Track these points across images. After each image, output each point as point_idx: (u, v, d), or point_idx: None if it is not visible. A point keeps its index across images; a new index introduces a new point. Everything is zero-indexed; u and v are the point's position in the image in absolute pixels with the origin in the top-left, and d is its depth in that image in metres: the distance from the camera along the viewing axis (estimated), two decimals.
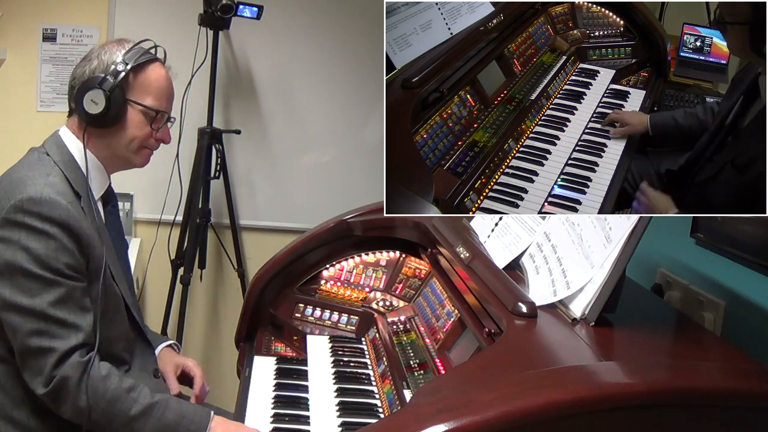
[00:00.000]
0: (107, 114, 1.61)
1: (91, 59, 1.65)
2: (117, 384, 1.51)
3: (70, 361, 1.47)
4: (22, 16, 3.34)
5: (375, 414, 1.69)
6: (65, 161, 1.61)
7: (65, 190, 1.55)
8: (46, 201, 1.49)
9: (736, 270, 1.68)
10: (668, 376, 1.29)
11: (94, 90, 1.60)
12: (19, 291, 1.46)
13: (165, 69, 1.70)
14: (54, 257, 1.47)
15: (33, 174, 1.55)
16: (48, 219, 1.48)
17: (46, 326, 1.47)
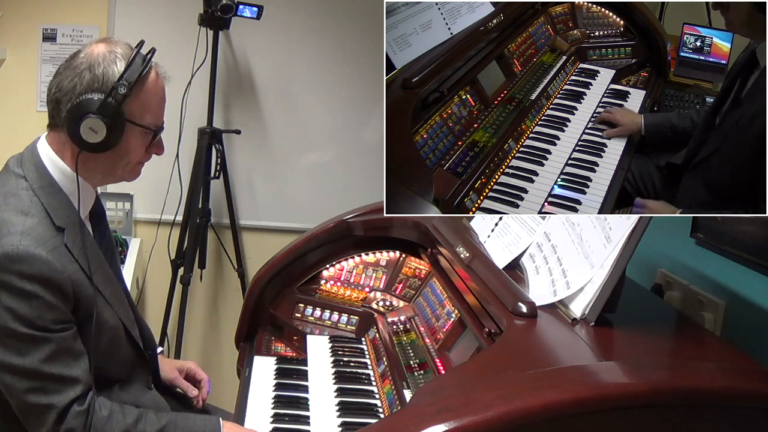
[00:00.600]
0: (107, 140, 1.47)
1: (80, 71, 1.47)
2: (121, 420, 1.47)
3: (71, 412, 1.42)
4: (22, 16, 3.34)
5: (375, 414, 1.69)
6: (44, 187, 1.48)
7: (45, 234, 1.42)
8: (23, 258, 1.37)
9: (736, 270, 1.68)
10: (668, 376, 1.29)
11: (93, 117, 1.45)
12: (8, 351, 1.39)
13: (159, 76, 1.56)
14: (38, 316, 1.38)
15: (9, 216, 1.42)
16: (28, 276, 1.37)
17: (41, 384, 1.40)
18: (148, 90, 1.52)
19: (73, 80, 1.48)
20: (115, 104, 1.46)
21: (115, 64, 1.48)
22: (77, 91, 1.47)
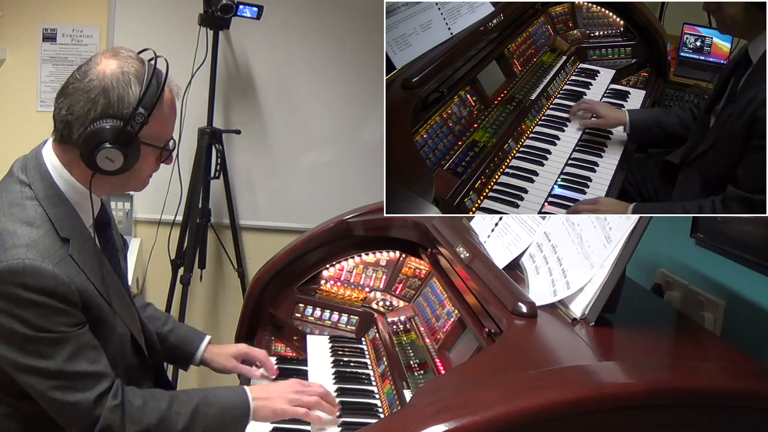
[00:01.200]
0: (123, 168, 1.45)
1: (94, 96, 1.43)
2: (156, 406, 1.48)
3: (106, 407, 1.42)
4: (22, 16, 3.34)
5: (375, 414, 1.68)
6: (50, 197, 1.46)
7: (50, 246, 1.41)
8: (29, 271, 1.36)
9: (736, 270, 1.68)
10: (668, 376, 1.29)
11: (110, 147, 1.41)
12: (30, 354, 1.39)
13: (173, 91, 1.53)
14: (51, 321, 1.38)
15: (14, 227, 1.41)
16: (33, 289, 1.36)
17: (67, 383, 1.41)
18: (163, 110, 1.49)
19: (86, 105, 1.44)
20: (132, 132, 1.44)
21: (131, 87, 1.44)
22: (91, 117, 1.43)
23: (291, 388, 1.63)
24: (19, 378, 1.42)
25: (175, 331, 1.87)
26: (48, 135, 1.58)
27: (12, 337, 1.38)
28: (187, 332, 1.88)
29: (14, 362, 1.40)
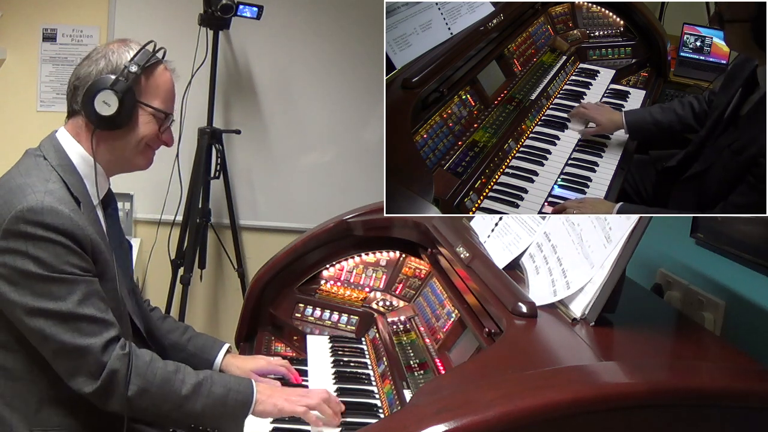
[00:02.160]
0: (119, 116, 1.58)
1: (96, 60, 1.61)
2: (162, 367, 1.53)
3: (114, 354, 1.47)
4: (22, 16, 3.34)
5: (375, 414, 1.68)
6: (63, 166, 1.58)
7: (65, 197, 1.52)
8: (47, 210, 1.46)
9: (736, 270, 1.68)
10: (668, 376, 1.29)
11: (106, 91, 1.56)
12: (41, 296, 1.45)
13: (170, 72, 1.68)
14: (64, 261, 1.46)
15: (32, 181, 1.52)
16: (51, 227, 1.46)
17: (77, 325, 1.46)
18: (157, 77, 1.63)
19: (89, 68, 1.61)
20: (126, 82, 1.58)
21: (128, 52, 1.62)
22: (93, 75, 1.59)
23: (295, 392, 1.66)
24: (29, 323, 1.46)
25: (193, 340, 1.88)
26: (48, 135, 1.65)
27: (25, 279, 1.45)
28: (205, 341, 1.89)
29: (24, 306, 1.45)
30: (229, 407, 1.55)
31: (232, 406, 1.56)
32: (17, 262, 1.45)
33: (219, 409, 1.55)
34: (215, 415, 1.55)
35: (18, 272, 1.45)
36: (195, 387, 1.53)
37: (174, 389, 1.51)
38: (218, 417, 1.56)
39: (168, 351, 1.84)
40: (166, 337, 1.86)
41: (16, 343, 1.52)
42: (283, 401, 1.60)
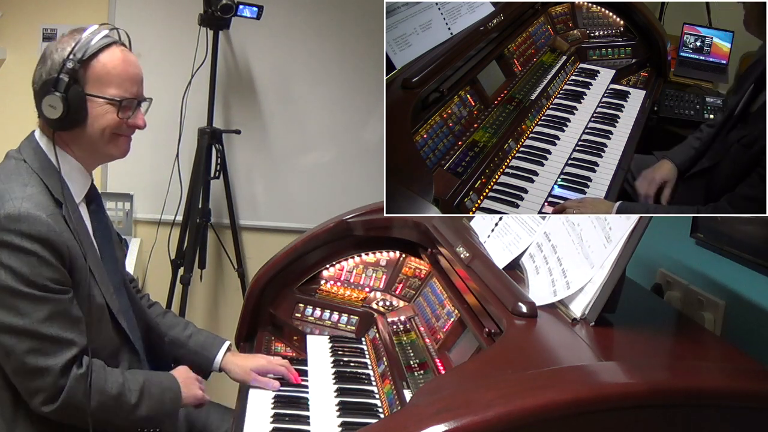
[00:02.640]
0: (69, 115, 1.55)
1: (44, 60, 1.58)
2: (115, 379, 1.56)
3: (72, 375, 1.47)
4: (22, 16, 3.34)
5: (375, 414, 1.69)
6: (43, 167, 1.57)
7: (44, 202, 1.51)
8: (24, 217, 1.45)
9: (736, 270, 1.68)
10: (668, 376, 1.29)
11: (50, 95, 1.53)
12: (8, 312, 1.44)
13: (123, 51, 1.61)
14: (38, 273, 1.45)
15: (11, 186, 1.51)
16: (28, 236, 1.44)
17: (39, 344, 1.45)
18: (104, 63, 1.58)
19: (39, 71, 1.59)
20: (67, 79, 1.53)
21: (66, 48, 1.57)
22: (41, 79, 1.58)
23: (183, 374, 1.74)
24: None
25: (194, 336, 1.89)
26: None
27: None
28: (206, 338, 1.90)
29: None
30: (166, 405, 1.63)
31: (168, 403, 1.63)
32: None
33: (158, 408, 1.61)
34: (157, 416, 1.61)
35: None
36: (140, 392, 1.58)
37: (126, 400, 1.55)
38: (158, 416, 1.62)
39: (168, 347, 1.84)
40: (167, 333, 1.85)
41: None
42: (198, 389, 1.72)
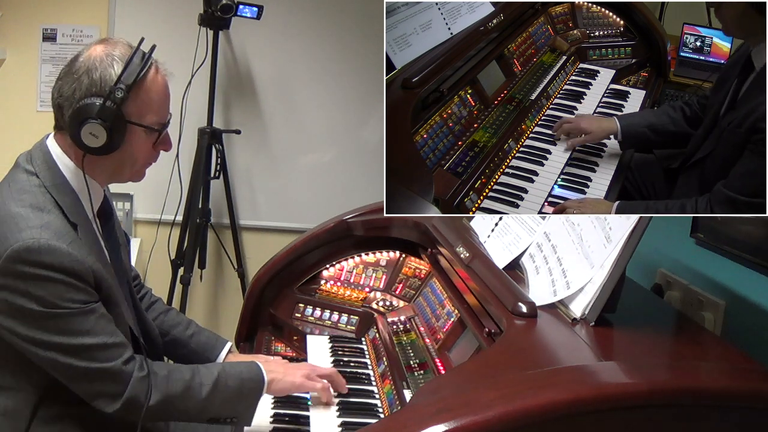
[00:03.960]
0: (109, 144, 1.48)
1: (79, 76, 1.48)
2: (180, 377, 1.53)
3: (133, 378, 1.46)
4: (22, 16, 3.34)
5: (375, 414, 1.68)
6: (56, 185, 1.50)
7: (62, 229, 1.44)
8: (44, 249, 1.39)
9: (736, 270, 1.68)
10: (668, 376, 1.29)
11: (93, 122, 1.45)
12: (49, 331, 1.42)
13: (161, 74, 1.56)
14: (68, 298, 1.42)
15: (26, 212, 1.44)
16: (50, 267, 1.40)
17: (90, 354, 1.44)
18: (147, 89, 1.52)
19: (72, 86, 1.49)
20: (113, 107, 1.47)
21: (113, 67, 1.49)
22: (77, 97, 1.48)
23: (306, 366, 1.72)
24: (42, 355, 1.43)
25: (196, 336, 1.87)
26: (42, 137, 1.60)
27: (29, 316, 1.41)
28: (208, 338, 1.88)
29: (34, 339, 1.42)
30: (245, 397, 1.59)
31: (246, 395, 1.59)
32: (18, 300, 1.40)
33: (235, 401, 1.58)
34: (232, 407, 1.58)
35: (21, 310, 1.40)
36: (213, 387, 1.54)
37: (194, 395, 1.52)
38: (235, 407, 1.58)
39: (168, 346, 1.83)
40: (169, 332, 1.85)
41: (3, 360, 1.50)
42: (300, 378, 1.65)
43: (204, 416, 1.56)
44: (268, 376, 1.61)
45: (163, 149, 1.61)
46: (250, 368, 1.63)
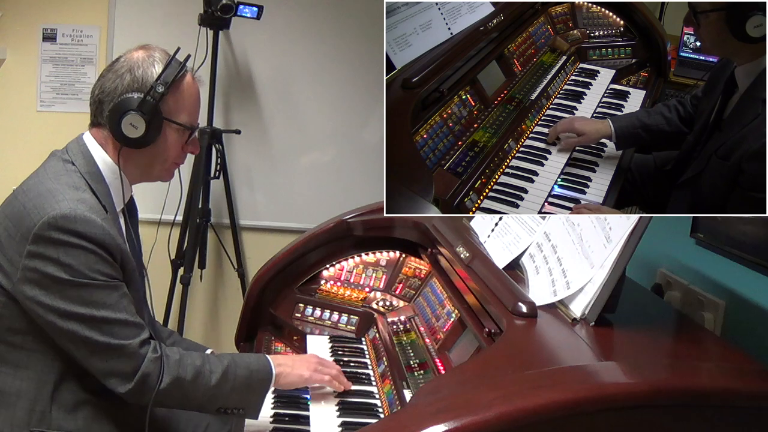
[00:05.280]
0: (146, 136, 1.58)
1: (122, 74, 1.59)
2: (191, 362, 1.56)
3: (147, 357, 1.49)
4: (22, 16, 3.34)
5: (375, 414, 1.69)
6: (91, 173, 1.58)
7: (96, 206, 1.52)
8: (80, 219, 1.46)
9: (736, 270, 1.68)
10: (668, 376, 1.29)
11: (134, 113, 1.56)
12: (73, 301, 1.46)
13: (195, 81, 1.69)
14: (96, 269, 1.47)
15: (62, 187, 1.51)
16: (83, 236, 1.46)
17: (111, 329, 1.47)
18: (183, 90, 1.64)
19: (114, 82, 1.59)
20: (153, 102, 1.57)
21: (153, 66, 1.60)
22: (119, 92, 1.59)
23: (314, 359, 1.75)
24: (62, 326, 1.46)
25: (177, 344, 1.88)
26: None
27: (55, 285, 1.45)
28: (189, 345, 1.91)
29: (57, 309, 1.46)
30: (253, 387, 1.61)
31: (255, 386, 1.62)
32: (48, 268, 1.45)
33: (244, 391, 1.60)
34: (241, 397, 1.60)
35: (49, 278, 1.45)
36: (223, 375, 1.57)
37: (204, 381, 1.55)
38: (243, 397, 1.61)
39: None
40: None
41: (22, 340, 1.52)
42: (306, 370, 1.69)
43: (212, 405, 1.58)
44: (276, 369, 1.64)
45: (191, 152, 1.70)
46: (259, 360, 1.66)
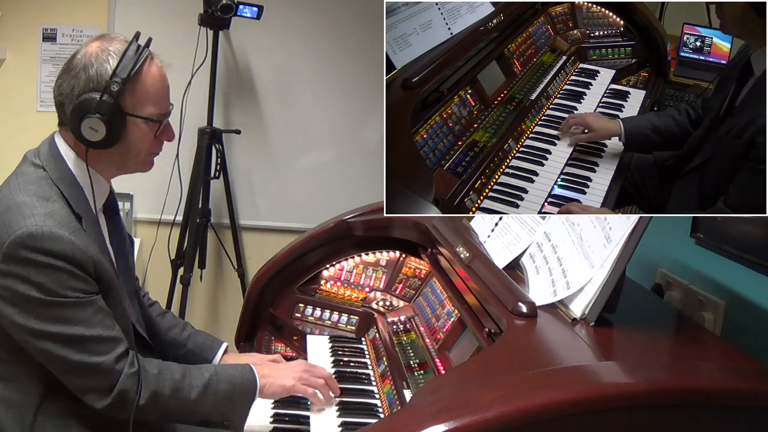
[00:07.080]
0: (109, 136, 1.50)
1: (76, 73, 1.51)
2: (170, 376, 1.53)
3: (124, 373, 1.46)
4: (22, 16, 3.34)
5: (375, 414, 1.68)
6: (62, 177, 1.52)
7: (66, 218, 1.47)
8: (47, 236, 1.41)
9: (736, 270, 1.68)
10: (668, 376, 1.29)
11: (92, 117, 1.48)
12: (46, 320, 1.43)
13: (157, 65, 1.57)
14: (68, 286, 1.43)
15: (31, 200, 1.46)
16: (52, 253, 1.41)
17: (84, 346, 1.44)
18: (144, 81, 1.54)
19: (70, 83, 1.52)
20: (111, 101, 1.49)
21: (108, 62, 1.52)
22: (76, 93, 1.51)
23: (299, 368, 1.69)
24: (36, 345, 1.44)
25: (192, 338, 1.88)
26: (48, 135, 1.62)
27: (27, 303, 1.42)
28: (204, 340, 1.89)
29: (30, 329, 1.43)
30: (236, 401, 1.58)
31: (238, 399, 1.58)
32: (19, 287, 1.41)
33: (226, 404, 1.57)
34: (223, 410, 1.58)
35: (21, 296, 1.42)
36: (203, 389, 1.54)
37: (184, 395, 1.52)
38: (226, 411, 1.58)
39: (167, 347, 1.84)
40: (166, 333, 1.85)
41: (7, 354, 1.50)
42: (290, 380, 1.64)
43: (193, 418, 1.57)
44: (260, 381, 1.60)
45: (166, 139, 1.63)
46: (244, 372, 1.61)
